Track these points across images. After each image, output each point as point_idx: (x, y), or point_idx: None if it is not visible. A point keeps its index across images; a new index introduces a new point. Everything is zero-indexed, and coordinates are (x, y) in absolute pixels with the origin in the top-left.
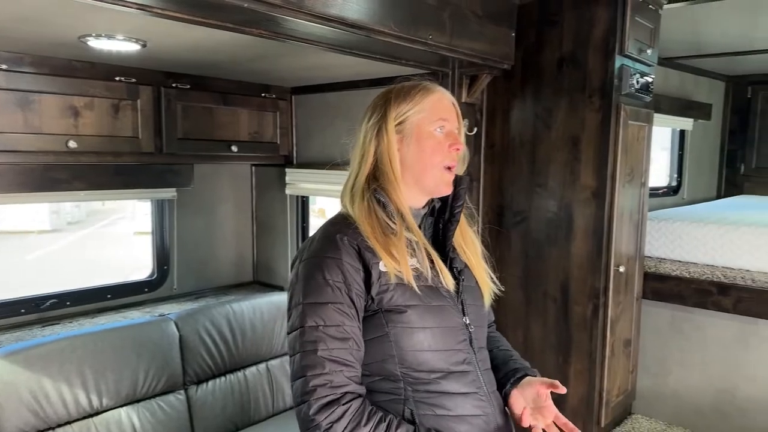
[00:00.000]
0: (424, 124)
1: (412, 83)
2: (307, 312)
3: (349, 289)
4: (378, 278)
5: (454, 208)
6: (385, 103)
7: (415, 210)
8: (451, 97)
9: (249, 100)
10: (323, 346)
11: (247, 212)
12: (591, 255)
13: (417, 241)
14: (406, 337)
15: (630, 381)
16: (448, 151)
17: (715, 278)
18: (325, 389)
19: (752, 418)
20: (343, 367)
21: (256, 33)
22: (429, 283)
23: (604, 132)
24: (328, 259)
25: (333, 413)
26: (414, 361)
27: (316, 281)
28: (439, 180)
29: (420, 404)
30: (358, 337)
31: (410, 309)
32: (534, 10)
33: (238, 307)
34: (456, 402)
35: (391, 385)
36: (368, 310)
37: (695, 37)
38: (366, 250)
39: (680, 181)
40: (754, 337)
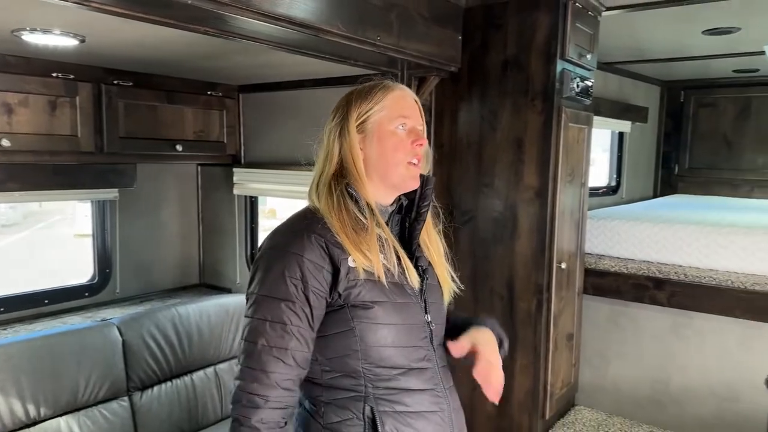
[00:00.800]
0: (385, 122)
1: (373, 83)
2: (258, 304)
3: (305, 287)
4: (346, 274)
5: (421, 208)
6: (347, 104)
7: (383, 207)
8: (413, 95)
9: (195, 98)
10: (263, 341)
11: (193, 213)
12: (534, 253)
13: (386, 238)
14: (371, 333)
15: (573, 374)
16: (411, 148)
17: (650, 273)
18: (251, 385)
19: (684, 406)
20: (278, 368)
21: (201, 30)
22: (395, 280)
23: (546, 134)
24: (290, 255)
25: (249, 415)
26: (377, 357)
27: (274, 275)
28: (404, 175)
29: (380, 401)
30: (304, 338)
31: (377, 305)
32: (479, 14)
33: (184, 310)
34: (414, 398)
35: (352, 382)
36: (334, 305)
37: (633, 44)
38: (334, 246)
39: (619, 181)
40: (687, 329)
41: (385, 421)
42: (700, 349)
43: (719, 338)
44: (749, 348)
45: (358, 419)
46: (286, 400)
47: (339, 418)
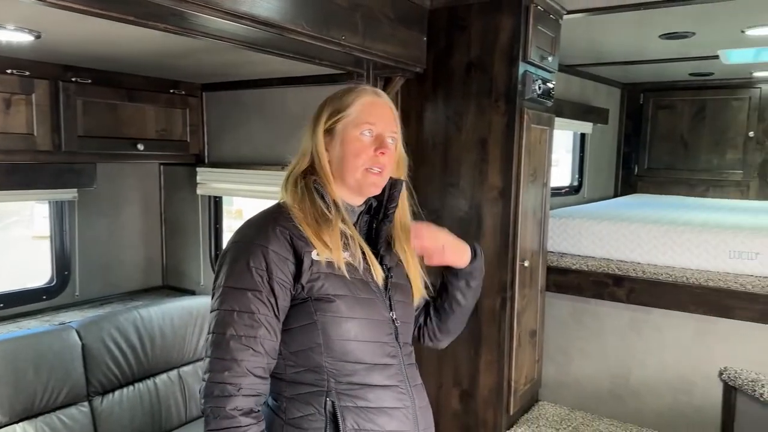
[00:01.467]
0: (350, 128)
1: (349, 88)
2: (225, 295)
3: (270, 277)
4: (309, 267)
5: (388, 209)
6: (321, 108)
7: (351, 206)
8: (388, 102)
9: (156, 96)
10: (232, 331)
11: (156, 213)
12: (498, 251)
13: (350, 234)
14: (334, 326)
15: (536, 370)
16: (373, 155)
17: (610, 271)
18: (222, 375)
19: (644, 400)
20: (247, 356)
21: (161, 28)
22: (359, 276)
23: (509, 135)
24: (255, 246)
25: (223, 404)
26: (340, 351)
27: (240, 266)
28: (360, 181)
29: (342, 396)
30: (272, 326)
31: (339, 299)
32: (444, 16)
33: (146, 312)
34: (377, 394)
35: (315, 377)
36: (298, 298)
37: (593, 47)
38: (298, 239)
39: (581, 181)
40: (645, 324)
41: (346, 416)
42: (658, 344)
43: (675, 333)
44: (703, 342)
45: (320, 414)
46: (259, 388)
47: (301, 413)
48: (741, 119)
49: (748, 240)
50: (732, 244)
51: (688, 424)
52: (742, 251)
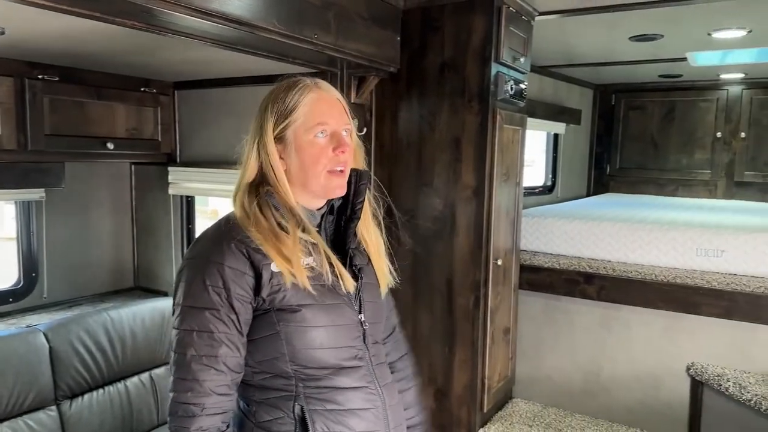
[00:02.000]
0: (301, 133)
1: (288, 85)
2: (184, 314)
3: (228, 294)
4: (269, 279)
5: (355, 205)
6: (264, 112)
7: (311, 211)
8: (334, 93)
9: (126, 94)
10: (192, 351)
11: (127, 214)
12: (472, 250)
13: (314, 242)
14: (299, 336)
15: (510, 367)
16: (333, 155)
17: (581, 269)
18: (185, 395)
19: (614, 395)
20: (210, 375)
21: (129, 24)
22: (326, 283)
23: (482, 135)
24: (210, 263)
25: (187, 425)
26: (305, 359)
27: (196, 285)
28: (326, 185)
29: (310, 400)
30: (233, 343)
31: (304, 308)
32: (417, 16)
33: (116, 314)
34: (346, 396)
35: (283, 382)
36: (260, 309)
37: (565, 48)
38: (256, 252)
39: (554, 180)
40: (615, 321)
41: (315, 420)
42: (627, 340)
43: (644, 329)
44: (671, 338)
45: (289, 418)
46: (224, 405)
47: (270, 417)
48: (709, 120)
49: (715, 238)
50: (699, 241)
51: (657, 419)
52: (709, 249)
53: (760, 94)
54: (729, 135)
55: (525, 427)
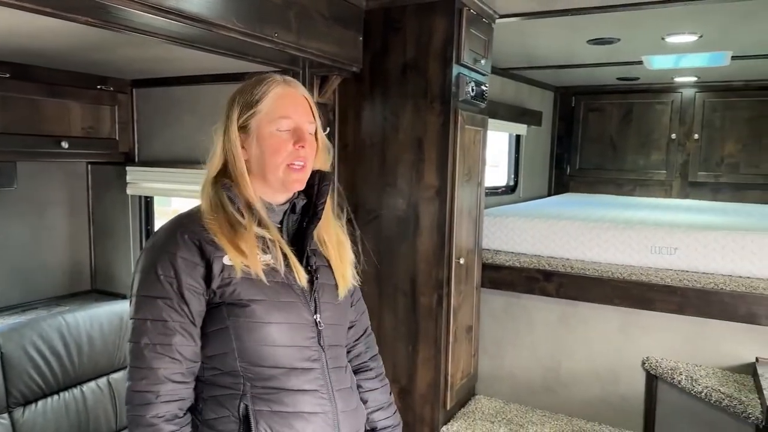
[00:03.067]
0: (264, 125)
1: (258, 78)
2: (138, 304)
3: (179, 284)
4: (220, 272)
5: (318, 206)
6: (231, 102)
7: (273, 206)
8: (301, 91)
9: (82, 92)
10: (146, 340)
11: (83, 215)
12: (435, 249)
13: (270, 237)
14: (249, 331)
15: (472, 364)
16: (293, 150)
17: (540, 267)
18: (140, 383)
19: (573, 390)
20: (164, 363)
21: (82, 21)
22: (281, 279)
23: (444, 135)
24: (164, 254)
25: (142, 412)
26: (255, 356)
27: (150, 275)
28: (284, 179)
29: (257, 400)
30: (188, 332)
31: (254, 303)
32: (379, 16)
33: (72, 318)
34: (295, 398)
35: (231, 380)
36: (211, 302)
37: (526, 50)
38: (208, 244)
39: (517, 181)
40: (574, 318)
41: (258, 420)
42: (585, 336)
43: (602, 325)
44: (627, 333)
45: (234, 417)
46: (180, 392)
47: (216, 415)
48: (664, 122)
49: (668, 236)
50: (653, 240)
51: (614, 412)
52: (662, 246)
53: (712, 97)
54: (683, 136)
55: (487, 423)
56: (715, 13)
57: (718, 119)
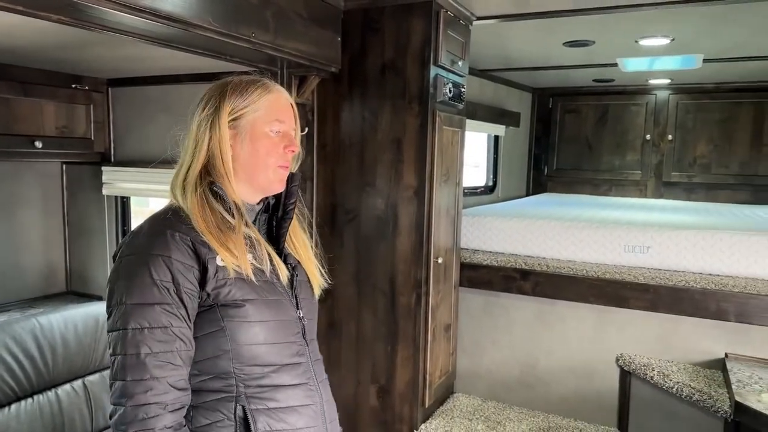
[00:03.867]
0: (259, 124)
1: (251, 78)
2: (131, 313)
3: (177, 288)
4: (215, 273)
5: (287, 206)
6: (220, 95)
7: (249, 205)
8: (289, 98)
9: (56, 91)
10: (146, 349)
11: (58, 215)
12: (414, 249)
13: (255, 237)
14: (243, 331)
15: (451, 363)
16: (283, 153)
17: (518, 266)
18: (144, 396)
19: (550, 387)
20: (168, 371)
21: (54, 19)
22: (267, 278)
23: (423, 136)
24: (156, 257)
25: (152, 426)
26: (248, 356)
27: (142, 280)
28: (272, 179)
29: (252, 399)
30: (186, 337)
31: (248, 303)
32: (358, 17)
33: (46, 320)
34: (287, 394)
35: (222, 383)
36: (204, 305)
37: (503, 52)
38: (201, 245)
39: (495, 181)
40: (550, 315)
41: (257, 419)
42: (562, 334)
43: (577, 323)
44: (602, 330)
45: (229, 420)
46: (183, 400)
47: (208, 420)
48: (639, 123)
49: (641, 235)
50: (626, 238)
51: (589, 408)
52: (635, 245)
53: (685, 99)
54: (657, 137)
55: (465, 421)
56: (687, 17)
57: (691, 120)
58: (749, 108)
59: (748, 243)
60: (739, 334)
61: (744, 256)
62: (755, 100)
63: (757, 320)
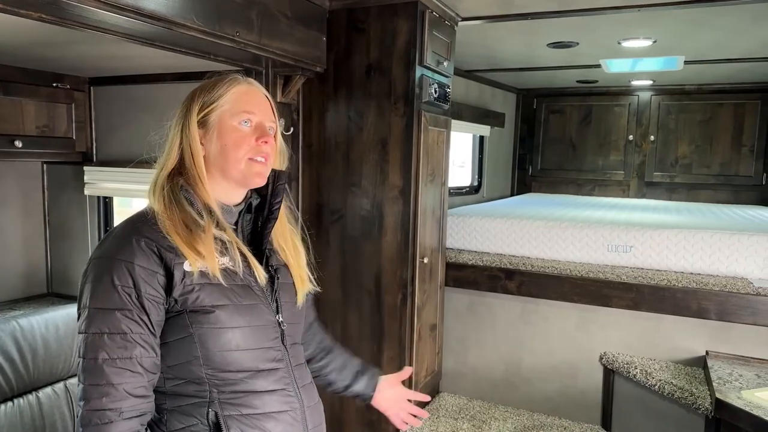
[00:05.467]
0: (227, 118)
1: (218, 78)
2: (92, 317)
3: (139, 294)
4: (182, 279)
5: (273, 206)
6: (190, 97)
7: (228, 206)
8: (262, 91)
9: (36, 90)
10: (104, 355)
11: (39, 216)
12: (400, 249)
13: (228, 239)
14: (214, 338)
15: (436, 362)
16: (255, 144)
17: (503, 265)
18: (99, 402)
19: (534, 386)
20: (125, 378)
21: (35, 17)
22: (241, 282)
23: (408, 136)
24: (119, 262)
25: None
26: (221, 362)
27: (104, 285)
28: (246, 172)
29: (225, 405)
30: (148, 344)
31: (218, 309)
32: (343, 17)
33: (27, 322)
34: (263, 399)
35: (196, 388)
36: (172, 311)
37: (488, 53)
38: (167, 251)
39: (480, 181)
40: (534, 314)
41: (230, 425)
42: (546, 332)
43: (561, 322)
44: (585, 329)
45: (203, 424)
46: (141, 407)
47: (182, 424)
48: (622, 124)
49: (624, 234)
50: (609, 238)
51: (573, 406)
52: (618, 245)
53: (667, 100)
54: (640, 138)
55: (451, 420)
56: (668, 20)
57: (673, 121)
58: (730, 109)
59: (728, 242)
60: (719, 332)
61: (725, 255)
62: (735, 101)
63: (737, 318)
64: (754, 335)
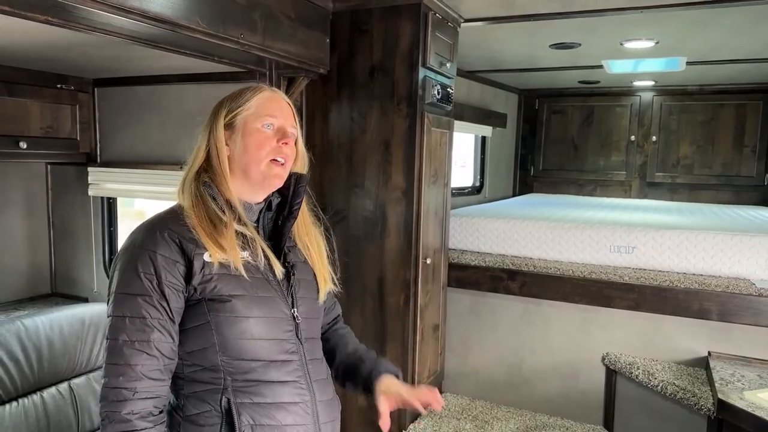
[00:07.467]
0: (251, 121)
1: (247, 86)
2: (117, 301)
3: (160, 281)
4: (201, 268)
5: (293, 205)
6: (219, 105)
7: (248, 204)
8: (285, 98)
9: (41, 91)
10: (124, 337)
11: (43, 216)
12: (402, 249)
13: (249, 235)
14: (230, 326)
15: (439, 362)
16: (276, 146)
17: (505, 266)
18: (116, 380)
19: (535, 386)
20: (142, 360)
21: (41, 19)
22: (259, 275)
23: (411, 137)
24: (143, 251)
25: (118, 409)
26: (236, 350)
27: (129, 272)
28: (265, 173)
29: (238, 393)
30: (166, 329)
31: (235, 298)
32: (346, 19)
33: (31, 322)
34: (275, 390)
35: (211, 375)
36: (191, 299)
37: (491, 54)
38: (188, 242)
39: (482, 181)
40: (536, 315)
41: (241, 412)
42: (547, 333)
43: (563, 322)
44: (587, 330)
45: (216, 411)
46: (156, 390)
47: (197, 410)
48: (624, 124)
49: (626, 235)
50: (612, 239)
51: (575, 407)
52: (621, 245)
53: (669, 100)
54: (642, 138)
55: (453, 420)
56: (670, 21)
57: (675, 122)
58: (731, 110)
59: (730, 243)
60: (721, 333)
61: (727, 256)
62: (737, 102)
63: (739, 319)
64: (756, 336)
